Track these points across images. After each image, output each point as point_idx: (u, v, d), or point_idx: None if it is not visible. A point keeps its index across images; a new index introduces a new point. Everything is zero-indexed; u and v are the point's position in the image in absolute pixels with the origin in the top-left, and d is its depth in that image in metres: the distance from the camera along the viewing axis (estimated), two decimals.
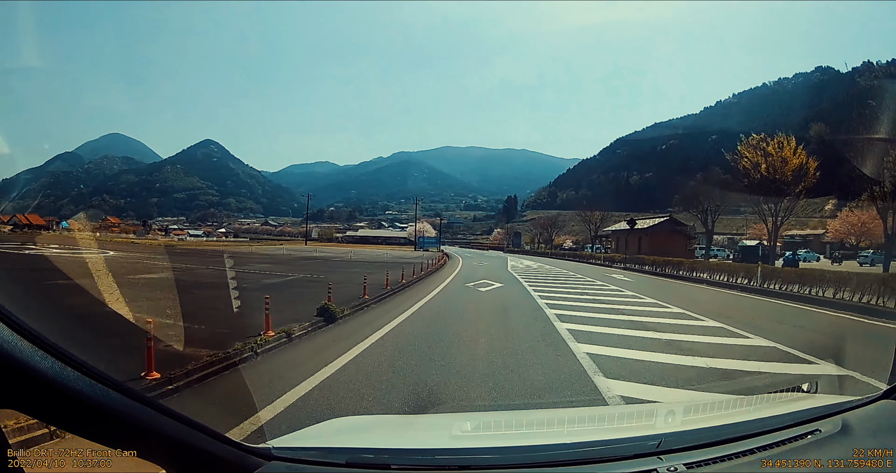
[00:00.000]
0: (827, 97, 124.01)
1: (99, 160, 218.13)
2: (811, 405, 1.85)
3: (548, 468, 1.39)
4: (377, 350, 6.22)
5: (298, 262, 25.31)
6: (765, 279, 16.65)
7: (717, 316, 9.81)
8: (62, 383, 0.87)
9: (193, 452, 1.09)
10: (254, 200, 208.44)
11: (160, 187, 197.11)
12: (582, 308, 10.56)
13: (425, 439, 1.80)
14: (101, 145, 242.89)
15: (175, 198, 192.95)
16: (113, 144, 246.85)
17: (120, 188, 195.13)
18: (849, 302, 12.26)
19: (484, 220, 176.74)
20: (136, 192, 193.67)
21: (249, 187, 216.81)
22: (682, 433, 1.59)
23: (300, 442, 1.57)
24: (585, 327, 8.03)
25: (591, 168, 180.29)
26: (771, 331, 8.18)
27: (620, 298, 12.95)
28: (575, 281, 18.50)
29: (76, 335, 5.04)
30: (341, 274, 17.79)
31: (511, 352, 6.15)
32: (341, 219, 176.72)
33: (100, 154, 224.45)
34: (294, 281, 14.82)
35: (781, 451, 1.47)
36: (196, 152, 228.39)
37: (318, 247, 58.90)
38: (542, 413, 2.28)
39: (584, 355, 5.95)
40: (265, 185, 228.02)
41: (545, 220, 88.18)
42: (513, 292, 14.08)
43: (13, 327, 0.84)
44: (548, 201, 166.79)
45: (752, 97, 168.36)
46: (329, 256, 34.25)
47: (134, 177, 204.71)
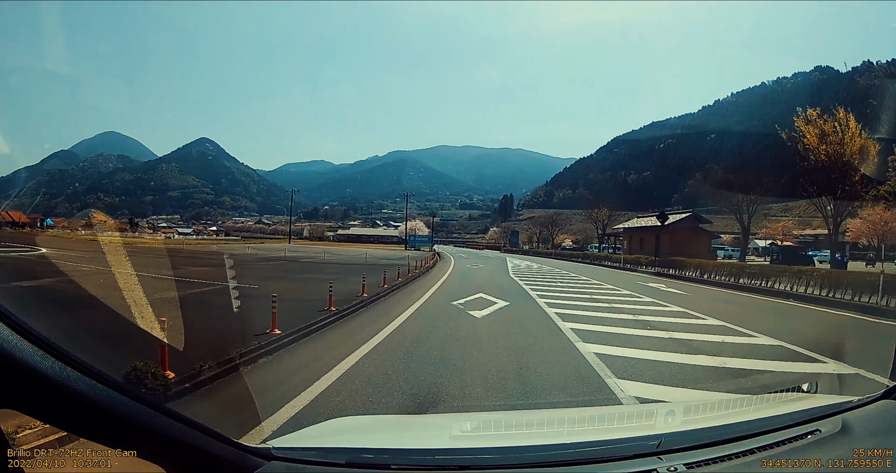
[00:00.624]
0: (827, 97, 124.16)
1: (94, 158, 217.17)
2: (811, 405, 1.85)
3: (548, 468, 1.39)
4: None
5: (254, 265, 20.93)
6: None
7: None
8: (63, 383, 0.87)
9: (193, 452, 1.09)
10: (248, 199, 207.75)
11: (155, 185, 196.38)
12: (673, 370, 5.39)
13: (425, 439, 1.80)
14: (97, 143, 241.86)
15: (170, 196, 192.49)
16: (108, 142, 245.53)
17: (115, 186, 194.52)
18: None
19: (479, 219, 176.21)
20: (131, 190, 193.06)
21: (244, 186, 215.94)
22: (682, 433, 1.59)
23: (300, 442, 1.57)
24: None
25: (588, 167, 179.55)
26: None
27: (719, 336, 7.51)
28: (609, 296, 13.18)
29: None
30: (288, 284, 13.27)
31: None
32: (336, 217, 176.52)
33: (95, 152, 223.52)
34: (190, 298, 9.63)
35: (781, 451, 1.47)
36: (191, 150, 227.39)
37: (301, 246, 54.95)
38: (542, 413, 2.28)
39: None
40: (260, 184, 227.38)
41: (545, 219, 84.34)
42: (527, 319, 8.90)
43: (13, 327, 0.84)
44: (544, 200, 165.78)
45: (751, 96, 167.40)
46: (299, 257, 29.41)
47: (129, 175, 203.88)
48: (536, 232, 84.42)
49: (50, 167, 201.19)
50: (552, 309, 10.09)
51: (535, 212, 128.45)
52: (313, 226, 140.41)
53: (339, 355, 5.65)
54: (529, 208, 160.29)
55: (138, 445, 1.01)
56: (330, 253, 36.34)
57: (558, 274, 22.77)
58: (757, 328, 8.25)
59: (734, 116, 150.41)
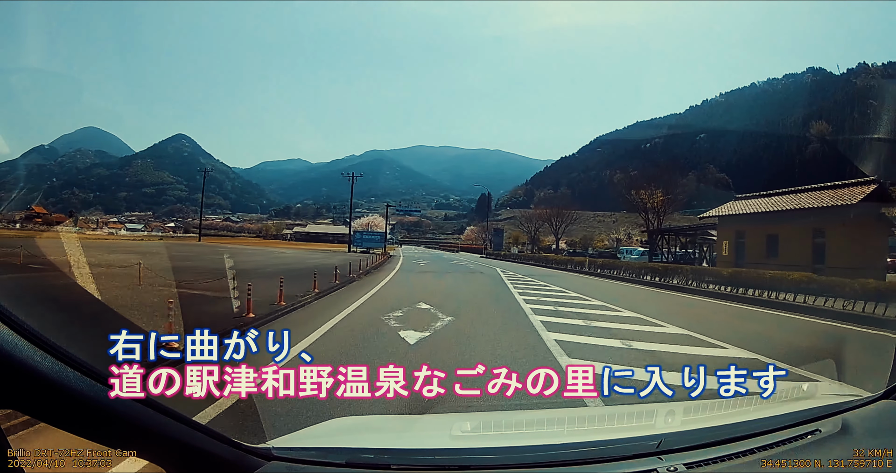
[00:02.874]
0: (820, 98, 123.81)
1: (72, 153, 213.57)
2: (811, 405, 1.86)
3: (548, 468, 1.39)
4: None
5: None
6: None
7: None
8: (62, 383, 0.87)
9: (193, 452, 1.09)
10: (222, 196, 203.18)
11: (130, 181, 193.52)
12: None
13: (425, 439, 1.80)
14: (77, 138, 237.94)
15: (144, 192, 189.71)
16: (88, 138, 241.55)
17: (90, 182, 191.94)
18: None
19: (455, 219, 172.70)
20: (106, 186, 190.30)
21: (219, 183, 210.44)
22: (682, 433, 1.59)
23: (300, 442, 1.57)
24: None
25: (569, 166, 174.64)
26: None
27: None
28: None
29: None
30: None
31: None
32: (308, 215, 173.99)
33: (74, 147, 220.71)
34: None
35: (781, 451, 1.47)
36: (167, 146, 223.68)
37: (220, 245, 45.39)
38: (542, 413, 2.28)
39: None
40: (234, 181, 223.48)
41: (542, 213, 62.38)
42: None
43: (13, 327, 0.84)
44: (524, 200, 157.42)
45: (741, 96, 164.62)
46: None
47: (105, 170, 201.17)
48: (534, 227, 63.43)
49: (28, 161, 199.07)
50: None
51: (515, 212, 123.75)
52: (274, 224, 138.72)
53: None
54: (510, 207, 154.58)
55: (138, 445, 1.01)
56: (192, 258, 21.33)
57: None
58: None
59: (723, 116, 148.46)
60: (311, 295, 10.34)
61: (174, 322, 5.90)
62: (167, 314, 5.95)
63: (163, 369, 1.27)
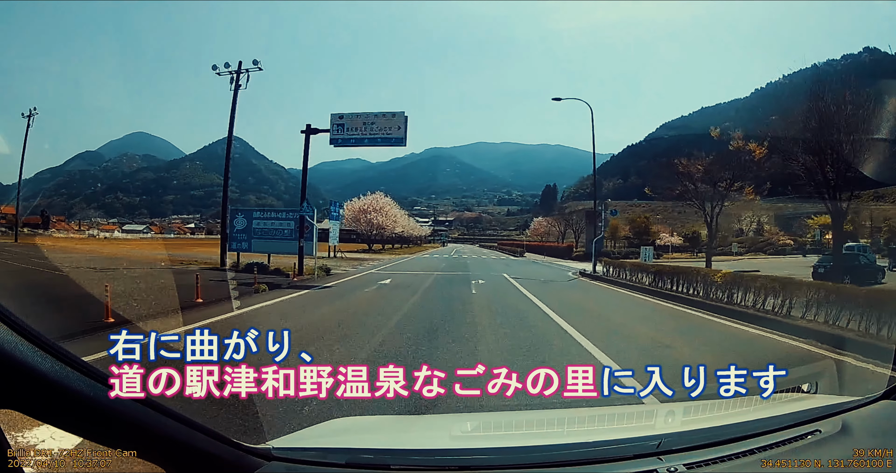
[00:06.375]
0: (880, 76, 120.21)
1: (118, 158, 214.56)
2: (811, 405, 1.85)
3: (548, 468, 1.39)
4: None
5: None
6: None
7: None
8: (62, 383, 0.87)
9: (193, 452, 1.09)
10: (275, 196, 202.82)
11: (177, 184, 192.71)
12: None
13: (425, 439, 1.80)
14: (124, 144, 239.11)
15: (192, 195, 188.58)
16: (136, 142, 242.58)
17: (135, 186, 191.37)
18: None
19: (518, 215, 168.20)
20: (152, 190, 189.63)
21: (272, 183, 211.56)
22: (682, 433, 1.59)
23: (300, 443, 1.57)
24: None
25: (637, 154, 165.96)
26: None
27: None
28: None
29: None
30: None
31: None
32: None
33: (120, 152, 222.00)
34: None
35: (782, 451, 1.47)
36: (217, 148, 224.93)
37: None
38: (541, 414, 2.28)
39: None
40: (289, 181, 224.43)
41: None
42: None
43: (13, 327, 0.84)
44: (591, 191, 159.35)
45: (804, 78, 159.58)
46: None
47: (152, 174, 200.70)
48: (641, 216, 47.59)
49: (72, 167, 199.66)
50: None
51: (583, 204, 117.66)
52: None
53: None
54: (575, 200, 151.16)
55: (138, 445, 1.01)
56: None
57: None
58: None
59: (791, 97, 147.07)
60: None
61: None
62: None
63: (163, 369, 1.28)
